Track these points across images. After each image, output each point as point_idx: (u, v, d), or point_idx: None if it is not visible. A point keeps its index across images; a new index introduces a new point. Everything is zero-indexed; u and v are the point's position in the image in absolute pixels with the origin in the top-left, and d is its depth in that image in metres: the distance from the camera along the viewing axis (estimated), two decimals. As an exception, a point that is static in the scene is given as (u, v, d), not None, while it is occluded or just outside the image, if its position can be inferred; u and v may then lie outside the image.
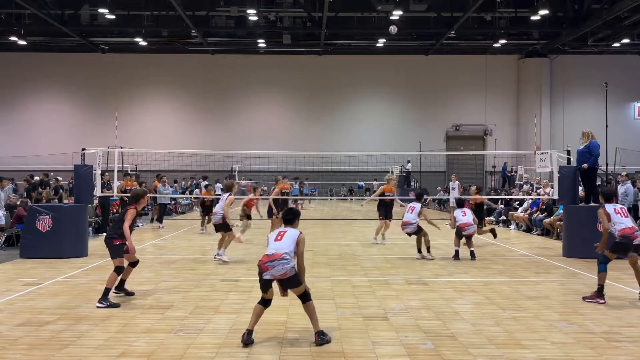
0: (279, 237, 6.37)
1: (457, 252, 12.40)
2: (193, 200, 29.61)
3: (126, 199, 16.25)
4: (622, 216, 8.63)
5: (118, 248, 8.09)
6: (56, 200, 18.81)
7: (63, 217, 12.47)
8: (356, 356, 5.80)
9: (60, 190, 21.62)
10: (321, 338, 6.16)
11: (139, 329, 6.73)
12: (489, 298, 8.46)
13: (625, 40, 35.72)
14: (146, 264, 11.68)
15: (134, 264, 8.44)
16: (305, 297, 6.28)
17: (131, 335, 6.48)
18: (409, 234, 12.64)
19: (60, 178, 22.97)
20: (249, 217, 14.88)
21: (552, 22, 33.58)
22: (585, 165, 12.81)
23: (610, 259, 8.47)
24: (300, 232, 6.41)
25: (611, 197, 9.10)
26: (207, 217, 17.59)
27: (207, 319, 7.17)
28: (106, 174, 18.95)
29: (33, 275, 10.23)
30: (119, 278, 8.19)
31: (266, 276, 6.28)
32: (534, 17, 31.56)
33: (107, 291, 7.84)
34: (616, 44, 36.77)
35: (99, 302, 7.76)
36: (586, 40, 35.89)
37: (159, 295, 8.56)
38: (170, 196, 21.40)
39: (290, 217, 6.65)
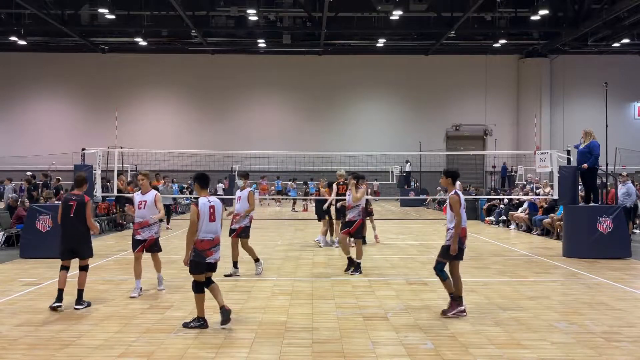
0: (212, 218, 6.89)
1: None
2: (193, 200, 29.57)
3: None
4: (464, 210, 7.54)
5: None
6: (54, 200, 18.77)
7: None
8: (356, 356, 5.80)
9: (61, 191, 21.58)
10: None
11: (139, 329, 6.73)
12: (489, 298, 8.46)
13: (625, 40, 35.71)
14: (146, 264, 11.67)
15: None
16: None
17: (131, 335, 6.48)
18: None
19: (60, 178, 22.94)
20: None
21: (552, 22, 33.58)
22: (585, 166, 12.82)
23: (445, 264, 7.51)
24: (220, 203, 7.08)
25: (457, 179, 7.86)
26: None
27: (207, 319, 7.17)
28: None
29: (33, 275, 10.23)
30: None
31: (210, 260, 6.82)
32: (534, 17, 31.55)
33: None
34: (616, 44, 36.77)
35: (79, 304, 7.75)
36: (586, 40, 35.89)
37: (159, 295, 8.56)
38: (172, 196, 21.14)
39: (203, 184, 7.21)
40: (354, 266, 10.42)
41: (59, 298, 7.62)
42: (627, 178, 16.30)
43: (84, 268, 7.97)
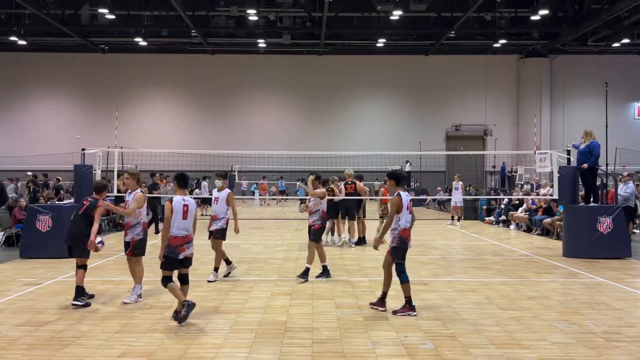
0: (185, 216, 7.20)
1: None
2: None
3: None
4: (409, 212, 7.71)
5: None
6: (55, 200, 18.79)
7: (63, 217, 12.45)
8: (356, 356, 5.80)
9: (61, 191, 21.60)
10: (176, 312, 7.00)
11: (139, 329, 6.74)
12: (489, 298, 8.46)
13: (625, 40, 35.68)
14: (146, 264, 11.65)
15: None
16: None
17: (131, 335, 6.48)
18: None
19: (60, 178, 22.93)
20: None
21: (552, 22, 33.55)
22: (585, 166, 12.82)
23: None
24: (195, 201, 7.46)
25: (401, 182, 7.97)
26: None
27: (207, 319, 7.17)
28: (157, 174, 19.88)
29: (33, 275, 10.23)
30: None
31: (182, 256, 7.13)
32: (534, 17, 31.53)
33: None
34: (616, 44, 36.74)
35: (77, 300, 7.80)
36: (586, 40, 35.86)
37: (159, 295, 8.56)
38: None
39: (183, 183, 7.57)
40: (323, 272, 9.98)
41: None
42: (629, 178, 16.28)
43: (81, 267, 7.98)
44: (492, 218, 22.01)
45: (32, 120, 40.13)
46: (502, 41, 36.18)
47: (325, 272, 9.98)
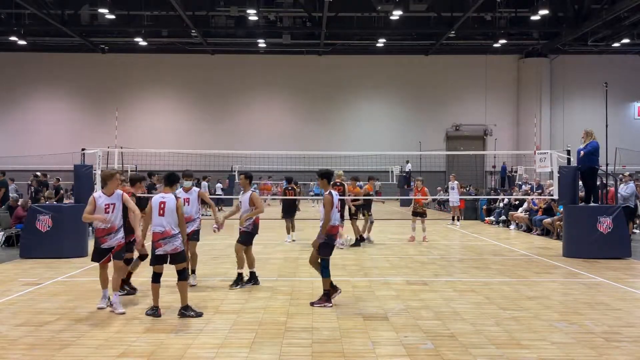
0: (161, 213, 7.31)
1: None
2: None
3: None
4: (337, 210, 8.18)
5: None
6: (54, 200, 18.79)
7: (63, 217, 12.46)
8: (356, 356, 5.80)
9: (61, 191, 21.60)
10: (182, 313, 7.23)
11: (139, 329, 6.74)
12: (489, 298, 8.46)
13: (625, 40, 35.69)
14: (146, 263, 11.66)
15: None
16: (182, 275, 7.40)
17: (131, 335, 6.48)
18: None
19: (59, 178, 22.93)
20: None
21: (552, 22, 33.56)
22: (582, 153, 12.84)
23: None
24: (178, 198, 7.51)
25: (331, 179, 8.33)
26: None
27: (207, 319, 7.18)
28: (156, 175, 19.70)
29: (33, 275, 10.23)
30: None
31: (159, 252, 7.32)
32: (534, 17, 31.54)
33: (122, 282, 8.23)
34: (616, 44, 36.75)
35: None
36: (586, 40, 35.86)
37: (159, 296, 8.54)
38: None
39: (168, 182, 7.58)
40: (251, 279, 9.45)
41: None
42: (630, 178, 16.27)
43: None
44: (492, 218, 22.02)
45: (32, 120, 40.13)
46: (502, 41, 36.19)
47: (252, 279, 9.43)
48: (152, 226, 7.38)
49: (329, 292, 7.90)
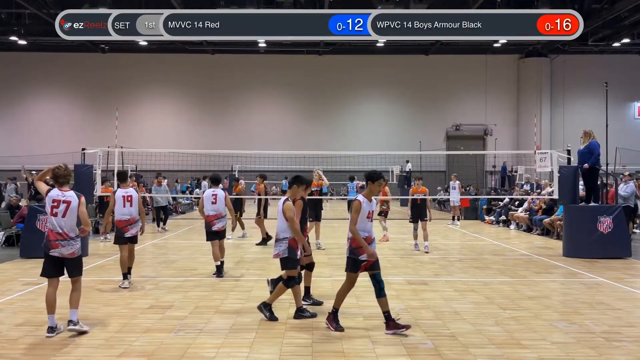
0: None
1: None
2: (193, 199, 29.59)
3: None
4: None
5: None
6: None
7: (63, 217, 12.42)
8: (356, 356, 5.80)
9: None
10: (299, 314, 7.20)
11: (139, 329, 6.73)
12: (489, 298, 8.46)
13: (626, 40, 35.69)
14: (146, 263, 11.68)
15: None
16: None
17: (131, 335, 6.48)
18: None
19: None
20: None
21: (552, 22, 33.57)
22: (586, 165, 12.82)
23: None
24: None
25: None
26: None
27: (207, 319, 7.17)
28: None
29: (33, 275, 10.21)
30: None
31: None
32: (534, 17, 31.54)
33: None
34: (616, 44, 36.75)
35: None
36: (586, 40, 35.86)
37: (159, 295, 8.56)
38: (162, 196, 19.19)
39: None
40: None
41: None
42: (630, 178, 16.26)
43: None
44: (492, 218, 22.02)
45: (32, 120, 40.16)
46: (502, 41, 36.17)
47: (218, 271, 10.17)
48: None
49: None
